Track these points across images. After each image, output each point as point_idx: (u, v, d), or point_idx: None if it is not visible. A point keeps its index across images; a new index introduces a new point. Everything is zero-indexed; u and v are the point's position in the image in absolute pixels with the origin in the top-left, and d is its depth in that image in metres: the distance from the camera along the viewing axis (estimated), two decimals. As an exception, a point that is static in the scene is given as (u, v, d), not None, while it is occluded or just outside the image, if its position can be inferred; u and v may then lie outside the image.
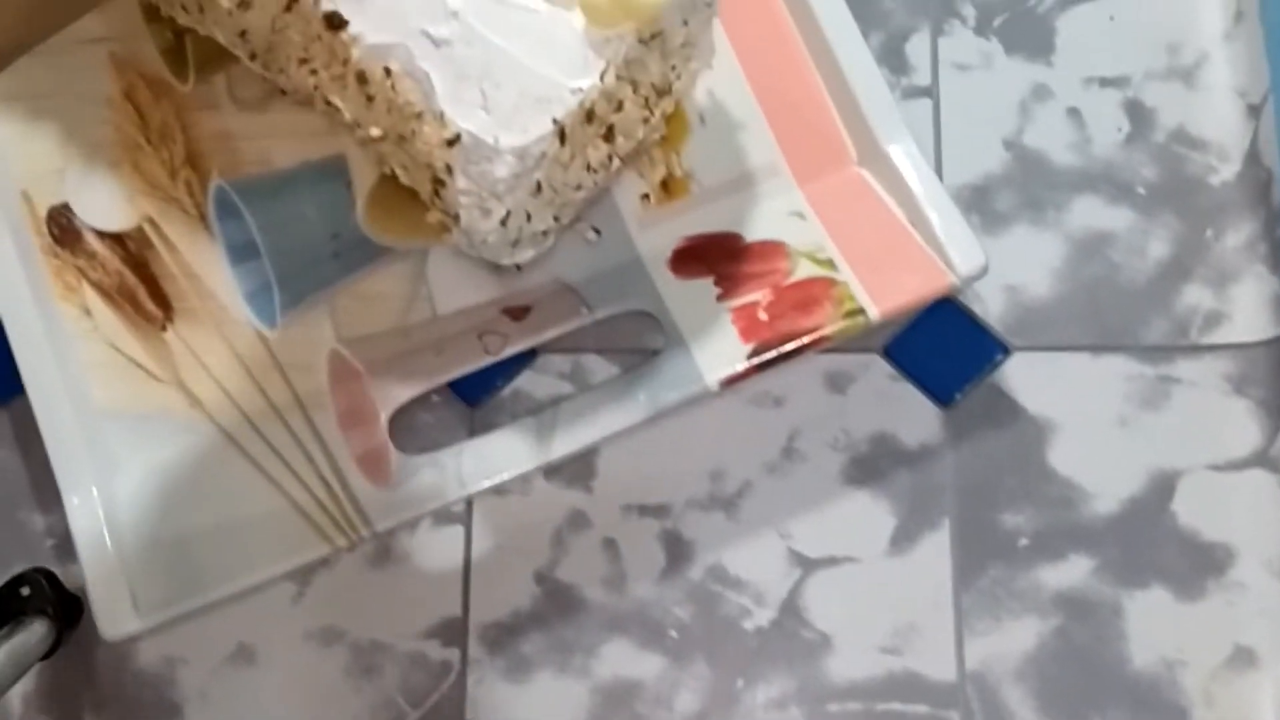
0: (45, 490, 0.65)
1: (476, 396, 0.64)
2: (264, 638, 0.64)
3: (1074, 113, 0.67)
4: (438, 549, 0.64)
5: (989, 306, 0.65)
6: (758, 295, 0.59)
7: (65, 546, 0.64)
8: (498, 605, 0.64)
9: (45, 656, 0.60)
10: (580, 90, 0.51)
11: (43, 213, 0.62)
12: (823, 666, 0.62)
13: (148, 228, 0.62)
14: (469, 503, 0.64)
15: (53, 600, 0.61)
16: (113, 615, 0.57)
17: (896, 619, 0.63)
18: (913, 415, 0.64)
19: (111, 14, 0.63)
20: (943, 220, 0.58)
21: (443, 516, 0.64)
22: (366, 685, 0.63)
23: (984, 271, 0.57)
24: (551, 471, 0.64)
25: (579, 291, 0.61)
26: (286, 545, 0.57)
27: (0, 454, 0.66)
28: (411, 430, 0.63)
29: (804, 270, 0.59)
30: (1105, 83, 0.67)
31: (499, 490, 0.64)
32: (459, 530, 0.64)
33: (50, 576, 0.62)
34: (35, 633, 0.59)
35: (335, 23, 0.51)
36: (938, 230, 0.58)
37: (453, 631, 0.63)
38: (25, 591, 0.61)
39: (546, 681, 0.63)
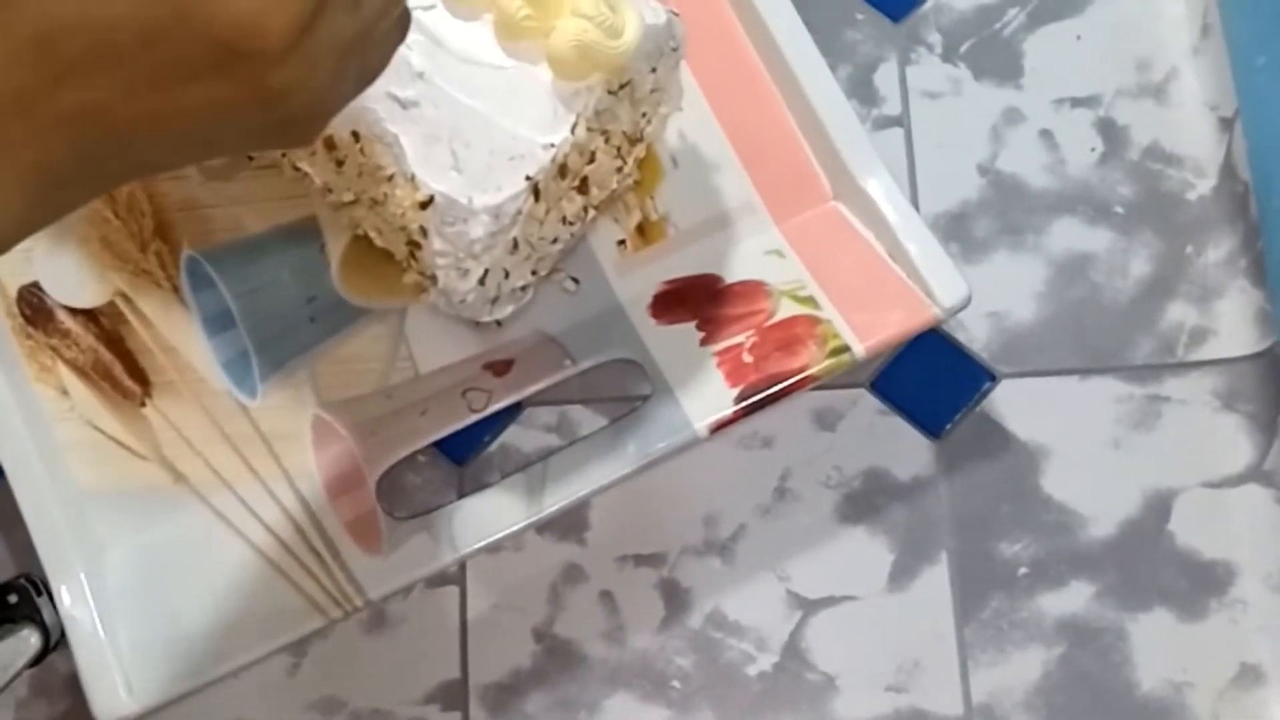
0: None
1: (464, 454, 0.64)
2: (263, 712, 0.63)
3: (1047, 134, 0.67)
4: (433, 611, 0.63)
5: (973, 334, 0.65)
6: (741, 337, 0.58)
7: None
8: (497, 665, 0.63)
9: (34, 664, 0.59)
10: (552, 145, 0.51)
11: (13, 293, 0.61)
12: (829, 708, 0.62)
13: (120, 302, 0.61)
14: (462, 563, 0.63)
15: (40, 608, 0.60)
16: (106, 700, 0.56)
17: (900, 656, 0.62)
18: (903, 448, 0.64)
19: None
20: (923, 252, 0.57)
21: (436, 578, 0.63)
22: (368, 755, 0.63)
23: (967, 302, 0.56)
24: (544, 525, 0.63)
25: (561, 343, 0.60)
26: (281, 620, 0.56)
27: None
28: (400, 492, 0.62)
29: (786, 309, 0.59)
30: (1076, 103, 0.67)
31: (491, 548, 0.63)
32: (454, 591, 0.63)
33: (38, 584, 0.61)
34: (24, 640, 0.58)
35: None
36: (918, 263, 0.57)
37: (453, 695, 0.63)
38: (13, 599, 0.60)
39: (551, 740, 0.62)
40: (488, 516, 0.57)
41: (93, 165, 0.31)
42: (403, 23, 0.36)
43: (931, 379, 0.64)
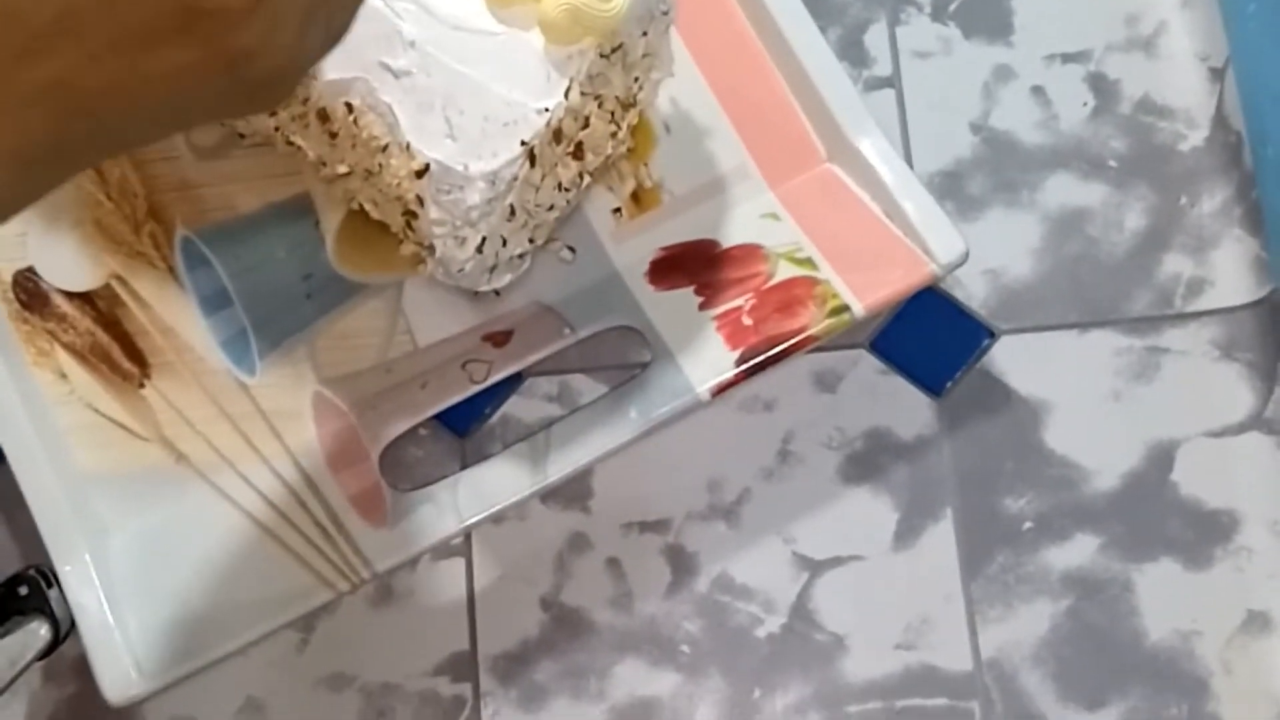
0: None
1: (466, 426, 0.64)
2: (272, 689, 0.63)
3: (1038, 91, 0.67)
4: (440, 584, 0.63)
5: (972, 292, 0.65)
6: (740, 300, 0.58)
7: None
8: (505, 635, 0.63)
9: (44, 656, 0.59)
10: (546, 110, 0.51)
11: (8, 278, 0.61)
12: (839, 668, 0.62)
13: (116, 285, 0.61)
14: (468, 534, 0.63)
15: (50, 599, 0.60)
16: (116, 681, 0.56)
17: (908, 614, 0.62)
18: (905, 407, 0.64)
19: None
20: (919, 210, 0.57)
21: (442, 550, 0.63)
22: (379, 729, 0.63)
23: (964, 259, 0.56)
24: (548, 495, 0.63)
25: (559, 312, 0.60)
26: (287, 595, 0.56)
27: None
28: (403, 466, 0.62)
29: (784, 271, 0.58)
30: (1067, 58, 0.67)
31: (496, 518, 0.63)
32: (460, 563, 0.63)
33: (48, 575, 0.60)
34: (33, 633, 0.58)
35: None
36: (914, 221, 0.57)
37: (462, 666, 0.63)
38: (23, 591, 0.59)
39: (562, 708, 0.62)
40: (492, 486, 0.57)
41: (67, 142, 0.30)
42: None
43: (931, 337, 0.64)
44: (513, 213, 0.53)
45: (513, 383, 0.64)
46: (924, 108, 0.67)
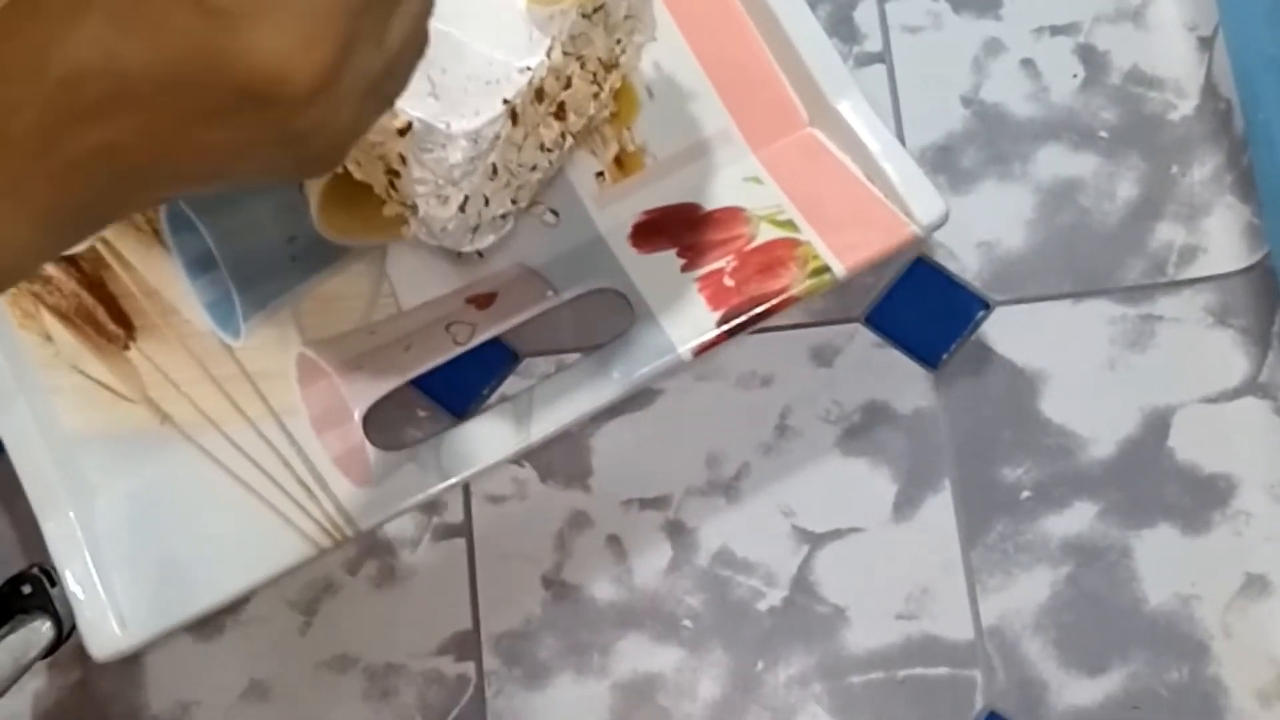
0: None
1: (463, 406, 0.64)
2: (275, 672, 0.63)
3: (1028, 63, 0.67)
4: (441, 563, 0.63)
5: (965, 264, 0.65)
6: (722, 262, 0.58)
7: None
8: (508, 614, 0.63)
9: (47, 655, 0.59)
10: (528, 69, 0.51)
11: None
12: (840, 639, 0.62)
13: (101, 247, 0.61)
14: (468, 513, 0.63)
15: (54, 598, 0.60)
16: (99, 636, 0.56)
17: (908, 584, 0.62)
18: (901, 380, 0.64)
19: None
20: (899, 172, 0.57)
21: (442, 530, 0.64)
22: (385, 708, 0.63)
23: (945, 219, 0.56)
24: (547, 473, 0.64)
25: (543, 274, 0.60)
26: (271, 551, 0.57)
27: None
28: (399, 444, 0.62)
29: (766, 233, 0.59)
30: (1056, 30, 0.67)
31: (496, 498, 0.63)
32: (460, 543, 0.63)
33: (51, 574, 0.61)
34: (37, 631, 0.58)
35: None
36: (895, 183, 0.57)
37: (466, 645, 0.63)
38: (27, 590, 0.60)
39: (566, 685, 0.62)
40: (475, 445, 0.57)
41: (108, 199, 0.30)
42: (422, 45, 0.34)
43: (926, 310, 0.64)
44: (495, 172, 0.53)
45: (510, 361, 0.64)
46: (915, 82, 0.67)
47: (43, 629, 0.59)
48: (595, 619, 0.63)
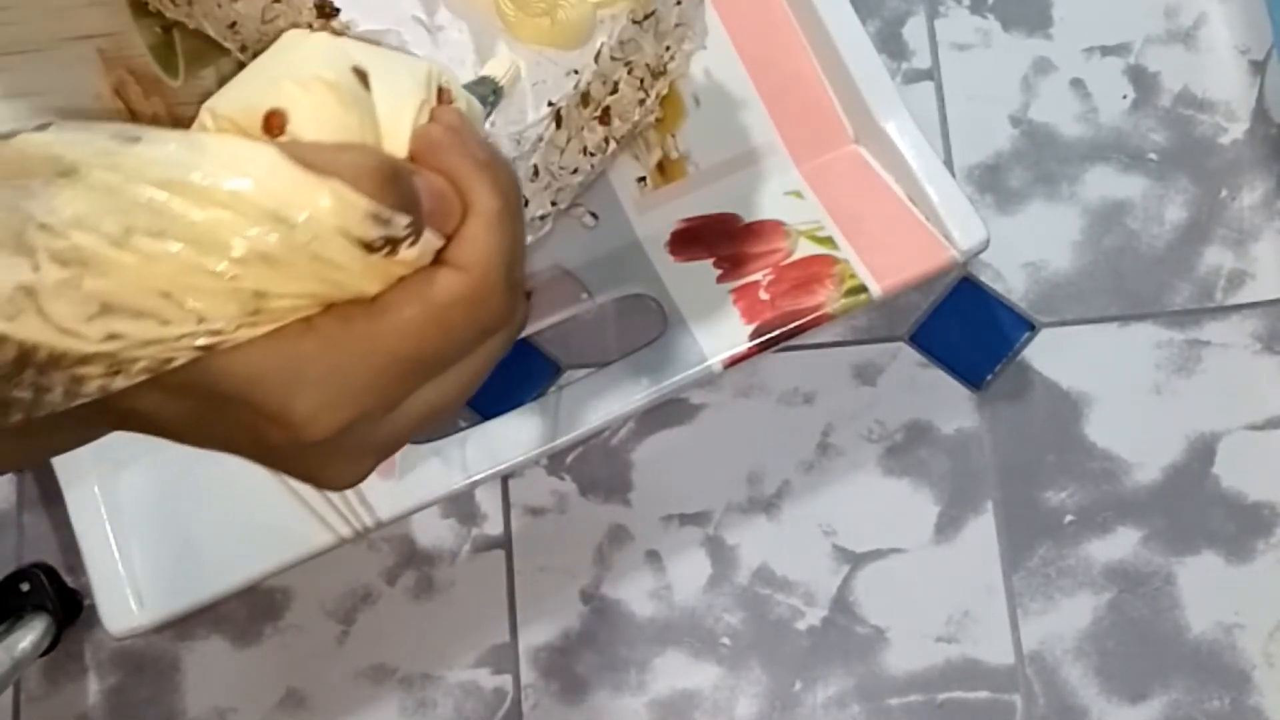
0: (50, 487, 0.63)
1: (501, 413, 0.63)
2: (312, 681, 0.63)
3: (1078, 84, 0.66)
4: (480, 575, 0.63)
5: (1011, 285, 0.64)
6: (758, 275, 0.58)
7: (69, 543, 0.62)
8: (546, 627, 0.63)
9: (45, 653, 0.59)
10: (575, 73, 0.51)
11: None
12: (880, 661, 0.62)
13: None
14: (508, 525, 0.63)
15: (52, 596, 0.60)
16: (116, 612, 0.55)
17: (949, 606, 0.62)
18: (945, 400, 0.64)
19: (99, 9, 0.61)
20: (941, 195, 0.57)
21: (481, 542, 0.63)
22: (421, 720, 0.63)
23: (985, 245, 0.56)
24: (588, 486, 0.63)
25: (578, 276, 0.60)
26: (292, 537, 0.56)
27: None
28: (425, 439, 0.62)
29: (804, 249, 0.58)
30: (1106, 51, 0.67)
31: (535, 510, 0.63)
32: (499, 555, 0.63)
33: (50, 572, 0.61)
34: (35, 629, 0.58)
35: (326, 10, 0.50)
36: (937, 205, 0.57)
37: (503, 658, 0.63)
38: (25, 587, 0.60)
39: (603, 700, 0.62)
40: (500, 443, 0.57)
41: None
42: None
43: (971, 330, 0.64)
44: (536, 173, 0.53)
45: (553, 375, 0.64)
46: (963, 100, 0.67)
47: (41, 627, 0.59)
48: (633, 634, 0.63)
